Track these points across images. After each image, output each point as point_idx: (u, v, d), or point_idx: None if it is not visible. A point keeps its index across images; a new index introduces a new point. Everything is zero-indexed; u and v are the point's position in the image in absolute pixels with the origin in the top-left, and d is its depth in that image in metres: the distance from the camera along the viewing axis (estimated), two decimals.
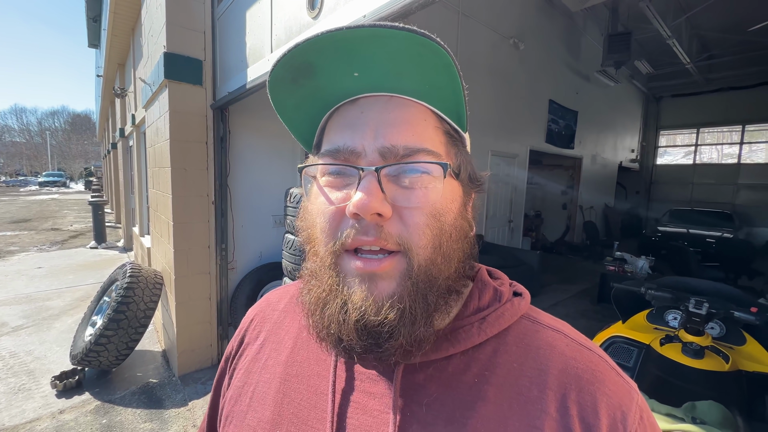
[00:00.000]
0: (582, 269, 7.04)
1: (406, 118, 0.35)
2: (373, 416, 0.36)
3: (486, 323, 0.37)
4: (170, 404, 2.50)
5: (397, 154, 0.34)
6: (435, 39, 0.31)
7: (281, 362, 0.43)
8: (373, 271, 0.33)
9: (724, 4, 6.33)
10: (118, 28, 5.41)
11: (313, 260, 0.37)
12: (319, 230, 0.36)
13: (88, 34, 9.00)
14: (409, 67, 0.34)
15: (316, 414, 0.38)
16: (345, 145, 0.35)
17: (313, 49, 0.33)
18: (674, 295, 1.83)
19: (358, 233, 0.33)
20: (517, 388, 0.34)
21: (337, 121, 0.38)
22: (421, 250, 0.34)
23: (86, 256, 6.68)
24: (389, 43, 0.32)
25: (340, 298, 0.34)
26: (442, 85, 0.35)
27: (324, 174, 0.37)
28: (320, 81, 0.36)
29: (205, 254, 2.88)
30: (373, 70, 0.34)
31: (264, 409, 0.40)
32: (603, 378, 0.35)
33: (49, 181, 34.84)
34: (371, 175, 0.33)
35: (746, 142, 11.56)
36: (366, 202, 0.31)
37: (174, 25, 2.58)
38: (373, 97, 0.36)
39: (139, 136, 5.25)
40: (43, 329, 3.59)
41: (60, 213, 13.53)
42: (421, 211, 0.34)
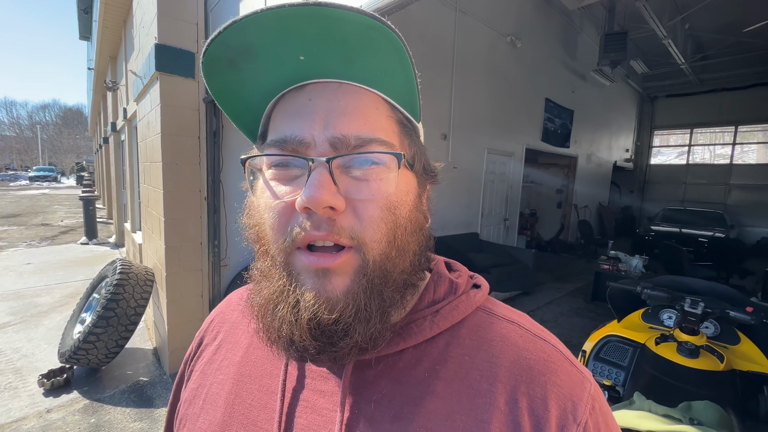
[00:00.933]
0: (576, 268, 7.08)
1: (358, 106, 0.33)
2: (322, 415, 0.35)
3: (439, 316, 0.37)
4: (161, 403, 2.46)
5: (349, 144, 0.32)
6: (385, 22, 0.29)
7: (235, 362, 0.41)
8: (326, 267, 0.31)
9: (719, 5, 6.37)
10: (109, 19, 5.31)
11: (263, 260, 0.35)
12: (267, 227, 0.34)
13: (79, 26, 8.85)
14: (359, 51, 0.31)
15: (266, 414, 0.36)
16: (293, 135, 0.32)
17: (254, 27, 0.30)
18: (670, 295, 1.83)
19: (309, 228, 0.31)
20: (467, 382, 0.33)
21: (283, 109, 0.35)
22: (375, 245, 0.32)
23: (77, 252, 6.58)
24: (337, 24, 0.29)
25: (292, 298, 0.32)
26: (393, 72, 0.33)
27: (270, 166, 0.34)
28: (262, 64, 0.33)
29: (197, 251, 2.83)
30: (320, 53, 0.32)
31: (215, 411, 0.39)
32: (555, 368, 0.34)
33: (40, 175, 34.29)
34: (322, 167, 0.31)
35: (738, 142, 11.69)
36: (317, 195, 0.29)
37: (166, 17, 2.52)
38: (322, 84, 0.34)
39: (131, 131, 5.16)
40: (31, 326, 3.52)
41: (50, 208, 13.33)
42: (376, 203, 0.32)
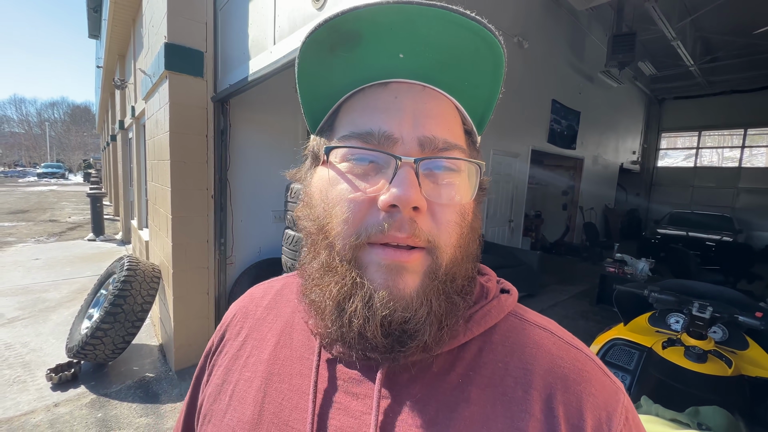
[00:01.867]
0: (581, 270, 7.03)
1: (441, 112, 0.34)
2: (355, 417, 0.34)
3: (472, 321, 0.36)
4: (166, 399, 2.48)
5: (437, 146, 0.32)
6: (498, 37, 0.30)
7: (263, 360, 0.40)
8: (402, 263, 0.31)
9: (730, 6, 6.29)
10: (118, 18, 5.36)
11: (324, 253, 0.34)
12: (338, 221, 0.33)
13: (88, 24, 8.93)
14: (459, 59, 0.32)
15: (297, 414, 0.36)
16: (380, 130, 0.32)
17: (370, 17, 0.30)
18: (678, 299, 1.82)
19: (390, 228, 0.30)
20: (501, 389, 0.33)
21: (363, 103, 0.34)
22: (449, 249, 0.33)
23: (84, 248, 6.64)
24: (452, 29, 0.30)
25: (366, 293, 0.31)
26: (481, 85, 0.34)
27: (345, 159, 0.33)
28: (360, 55, 0.33)
29: (203, 248, 2.85)
30: (420, 54, 0.32)
31: (244, 408, 0.38)
32: (589, 377, 0.34)
33: (48, 172, 34.71)
34: (409, 166, 0.31)
35: (747, 146, 11.54)
36: (409, 195, 0.29)
37: (175, 16, 2.54)
38: (407, 84, 0.34)
39: (138, 129, 5.21)
40: (40, 321, 3.56)
41: (58, 205, 13.47)
42: (453, 209, 0.33)
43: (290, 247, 1.98)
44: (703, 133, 12.32)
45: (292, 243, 1.97)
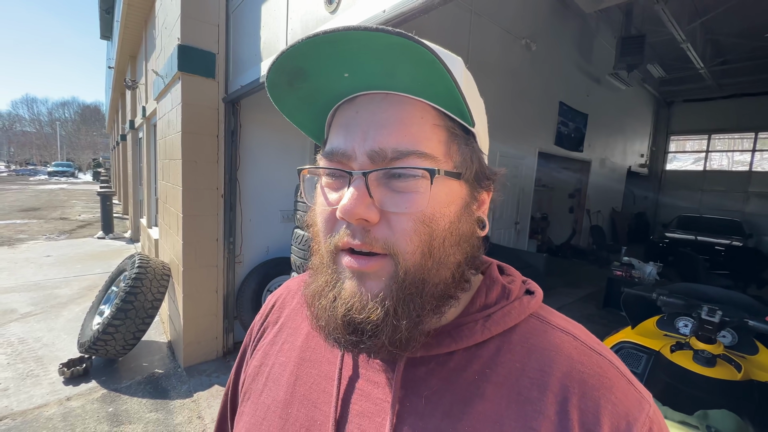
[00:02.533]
0: (588, 273, 6.99)
1: (400, 117, 0.34)
2: (375, 403, 0.37)
3: (491, 321, 0.37)
4: (175, 395, 2.52)
5: (386, 157, 0.33)
6: (413, 38, 0.29)
7: (297, 347, 0.45)
8: (360, 270, 0.33)
9: (740, 9, 6.23)
10: (131, 20, 5.45)
11: (315, 256, 0.39)
12: (318, 229, 0.37)
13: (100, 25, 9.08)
14: (397, 65, 0.33)
15: (324, 397, 0.39)
16: (338, 148, 0.35)
17: (300, 54, 0.32)
18: (686, 302, 1.81)
19: (347, 236, 0.34)
20: (517, 388, 0.34)
21: (336, 121, 0.38)
22: (408, 255, 0.33)
23: (94, 246, 6.74)
24: (369, 44, 0.31)
25: (333, 293, 0.35)
26: (432, 82, 0.34)
27: (324, 174, 0.37)
28: (314, 83, 0.36)
29: (213, 247, 2.89)
30: (362, 70, 0.34)
31: (278, 389, 0.42)
32: (610, 384, 0.34)
33: (58, 171, 35.20)
34: (359, 180, 0.33)
35: (758, 149, 11.39)
36: (350, 208, 0.32)
37: (188, 18, 2.59)
38: (369, 96, 0.36)
39: (149, 128, 5.28)
40: (51, 317, 3.63)
41: (68, 203, 13.67)
42: (409, 216, 0.33)
43: (300, 246, 2.01)
44: (713, 136, 12.17)
45: (302, 242, 1.99)
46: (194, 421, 2.27)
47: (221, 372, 2.82)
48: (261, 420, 0.42)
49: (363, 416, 0.37)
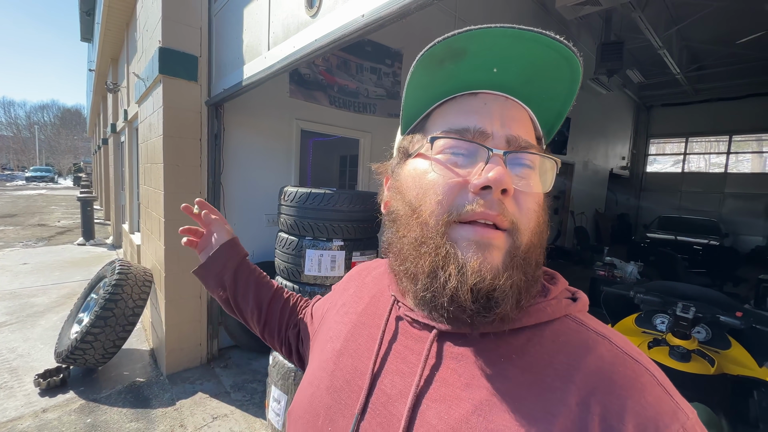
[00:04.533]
0: (573, 274, 7.11)
1: (521, 118, 0.40)
2: (408, 365, 0.41)
3: (524, 312, 0.38)
4: (157, 404, 2.46)
5: (520, 144, 0.38)
6: (579, 57, 0.35)
7: (357, 312, 0.53)
8: (489, 239, 0.35)
9: (713, 17, 6.48)
10: (112, 22, 5.35)
11: (416, 230, 0.39)
12: (432, 202, 0.37)
13: (80, 27, 8.89)
14: (541, 75, 0.38)
15: (367, 354, 0.45)
16: (475, 127, 0.38)
17: (478, 37, 0.36)
18: (662, 299, 1.86)
19: (483, 206, 0.35)
20: (540, 376, 0.35)
21: (457, 107, 0.40)
22: (527, 232, 0.37)
23: (73, 252, 6.55)
24: (540, 50, 0.35)
25: (457, 263, 0.35)
26: (556, 98, 0.40)
27: (441, 151, 0.39)
28: (461, 68, 0.38)
29: (196, 252, 2.84)
30: (509, 70, 0.38)
31: (337, 342, 0.50)
32: (642, 388, 0.33)
33: (37, 176, 34.09)
34: (499, 157, 0.36)
35: (733, 152, 11.81)
36: (499, 177, 0.34)
37: (170, 20, 2.56)
38: (493, 95, 0.40)
39: (131, 132, 5.18)
40: (27, 326, 3.51)
41: (47, 209, 13.27)
42: (532, 198, 0.38)
43: (283, 250, 2.00)
44: (690, 139, 12.58)
45: (286, 246, 1.98)
46: (176, 430, 2.22)
47: (205, 379, 2.77)
48: (323, 362, 0.50)
49: (396, 374, 0.41)
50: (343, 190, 1.99)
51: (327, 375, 0.47)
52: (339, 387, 0.45)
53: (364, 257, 2.01)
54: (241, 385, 2.72)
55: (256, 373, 2.89)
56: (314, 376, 0.50)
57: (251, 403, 2.51)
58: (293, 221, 1.97)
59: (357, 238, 2.00)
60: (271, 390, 1.91)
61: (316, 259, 1.90)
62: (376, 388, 0.42)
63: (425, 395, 0.38)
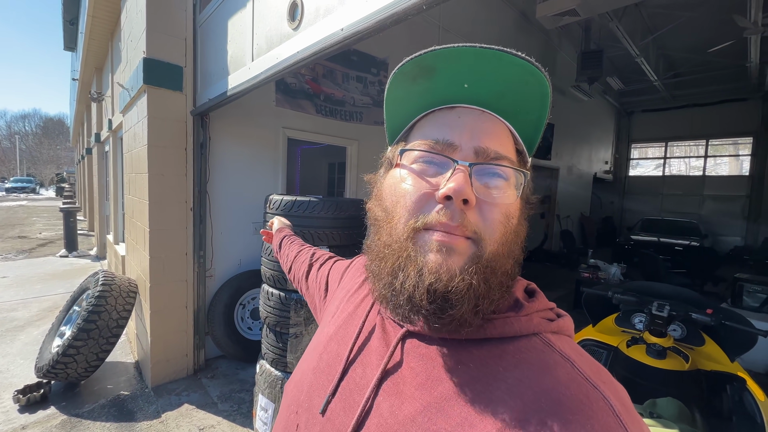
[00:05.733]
0: (560, 276, 7.22)
1: (495, 131, 0.41)
2: (376, 358, 0.44)
3: (490, 324, 0.39)
4: (142, 417, 2.42)
5: (488, 155, 0.39)
6: (544, 72, 0.37)
7: (355, 303, 0.56)
8: (451, 244, 0.36)
9: (686, 26, 6.76)
10: (96, 31, 5.32)
11: (387, 235, 0.41)
12: (401, 207, 0.40)
13: (64, 36, 8.77)
14: (512, 90, 0.40)
15: (350, 342, 0.48)
16: (444, 138, 0.40)
17: (444, 55, 0.38)
18: (639, 299, 1.93)
19: (444, 216, 0.37)
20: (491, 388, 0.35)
21: (433, 120, 0.43)
22: (492, 242, 0.38)
23: (55, 265, 6.40)
24: (504, 66, 0.38)
25: (417, 264, 0.37)
26: (530, 111, 0.42)
27: (415, 161, 0.41)
28: (433, 84, 0.41)
29: (182, 261, 2.83)
30: (480, 86, 0.40)
31: (332, 326, 0.55)
32: (591, 415, 0.31)
33: (18, 187, 33.17)
34: (464, 169, 0.38)
35: (710, 155, 12.23)
36: (459, 188, 0.36)
37: (154, 31, 2.57)
38: (468, 108, 0.42)
39: (115, 142, 5.13)
40: (6, 341, 3.41)
41: (28, 220, 12.92)
42: (498, 208, 0.39)
43: (270, 258, 2.00)
44: (669, 143, 12.98)
45: (272, 254, 1.99)
46: None
47: (192, 390, 2.73)
48: (316, 344, 0.55)
49: (366, 365, 0.44)
50: (328, 198, 2.01)
51: (316, 356, 0.51)
52: (322, 368, 0.49)
53: None
54: (229, 395, 2.69)
55: (243, 382, 2.86)
56: (309, 355, 0.55)
57: (239, 413, 2.48)
58: None
59: (343, 245, 2.02)
60: (258, 399, 1.90)
61: None
62: (347, 375, 0.45)
63: (381, 388, 0.40)
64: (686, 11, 6.24)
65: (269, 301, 1.98)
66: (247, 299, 3.22)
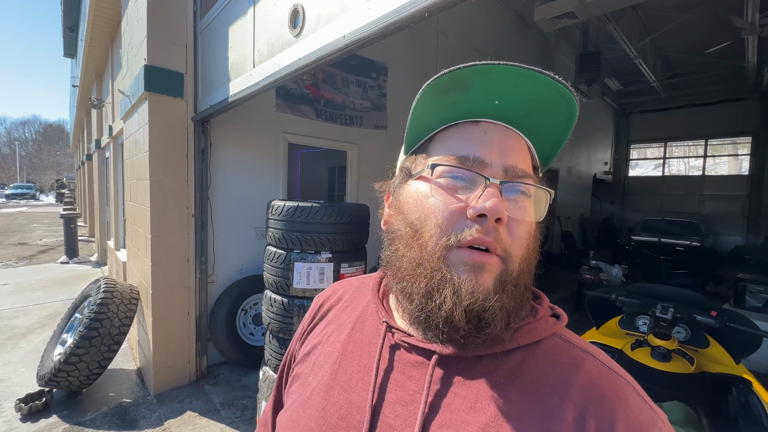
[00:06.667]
0: (561, 278, 7.21)
1: (520, 148, 0.42)
2: (409, 394, 0.41)
3: (518, 333, 0.40)
4: (144, 424, 2.41)
5: (516, 174, 0.40)
6: (576, 95, 0.38)
7: (341, 340, 0.50)
8: (483, 263, 0.37)
9: (684, 27, 6.79)
10: (96, 38, 5.34)
11: (416, 252, 0.40)
12: (432, 225, 0.39)
13: (64, 43, 8.81)
14: (539, 110, 0.40)
15: (363, 385, 0.44)
16: (474, 155, 0.40)
17: (481, 71, 0.38)
18: (642, 301, 1.92)
19: (479, 232, 0.37)
20: (539, 394, 0.37)
21: (459, 134, 0.42)
22: (518, 259, 0.39)
23: (56, 271, 6.39)
24: (537, 86, 0.38)
25: (453, 285, 0.37)
26: (553, 131, 0.42)
27: (442, 175, 0.41)
28: (465, 98, 0.41)
29: (184, 268, 2.82)
30: (510, 103, 0.40)
31: (323, 374, 0.47)
32: (626, 400, 0.36)
33: (18, 193, 33.20)
34: (496, 186, 0.38)
35: (709, 155, 12.25)
36: (495, 207, 0.36)
37: (155, 38, 2.58)
38: (494, 124, 0.42)
39: (116, 148, 5.13)
40: (7, 349, 3.40)
41: (28, 227, 12.91)
42: (524, 226, 0.40)
43: (272, 264, 2.00)
44: (668, 144, 13.01)
45: (274, 260, 1.99)
46: None
47: (194, 397, 2.72)
48: (306, 399, 0.46)
49: (397, 403, 0.41)
50: (330, 203, 2.01)
51: (316, 412, 0.44)
52: (334, 423, 0.43)
53: (352, 269, 2.03)
54: (231, 402, 2.68)
55: (246, 389, 2.85)
56: (299, 415, 0.46)
57: (242, 420, 2.47)
58: (281, 235, 1.98)
59: (345, 250, 2.02)
60: (261, 405, 1.89)
61: (305, 272, 1.91)
62: (378, 421, 0.41)
63: (432, 422, 0.38)
64: (683, 12, 6.27)
65: (272, 308, 1.97)
66: (249, 305, 3.21)
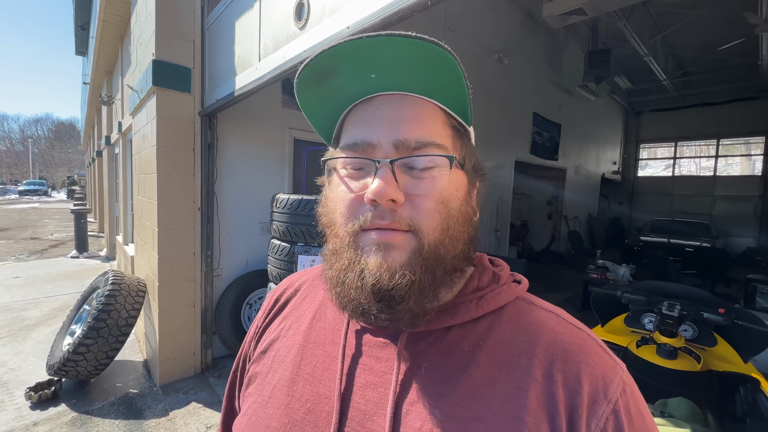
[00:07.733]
0: (567, 277, 7.15)
1: (417, 115, 0.39)
2: (379, 376, 0.40)
3: (483, 300, 0.41)
4: (150, 415, 2.44)
5: (409, 146, 0.38)
6: (442, 45, 0.36)
7: (301, 331, 0.48)
8: (387, 241, 0.37)
9: (696, 25, 6.68)
10: (106, 36, 5.41)
11: (333, 241, 0.41)
12: (338, 215, 0.40)
13: (75, 41, 8.94)
14: (420, 69, 0.38)
15: (329, 374, 0.42)
16: (362, 139, 0.39)
17: (336, 54, 0.37)
18: (648, 298, 1.90)
19: (375, 217, 0.37)
20: (507, 357, 0.38)
21: (354, 117, 0.42)
22: (430, 232, 0.38)
23: (66, 265, 6.50)
24: (402, 49, 0.36)
25: (359, 267, 0.37)
26: (448, 85, 0.40)
27: (344, 166, 0.41)
28: (341, 81, 0.40)
29: (190, 261, 2.85)
30: (388, 72, 0.39)
31: (284, 370, 0.45)
32: (589, 352, 0.38)
33: (30, 189, 33.83)
34: (386, 167, 0.37)
35: (721, 155, 12.03)
36: (382, 190, 0.36)
37: (163, 34, 2.61)
38: (388, 96, 0.40)
39: (125, 144, 5.20)
40: (19, 340, 3.47)
41: (40, 222, 13.16)
42: (431, 198, 0.38)
43: (276, 257, 2.02)
44: (679, 143, 12.80)
45: (278, 252, 2.00)
46: None
47: (199, 389, 2.75)
48: (267, 399, 0.44)
49: (367, 387, 0.40)
50: None
51: (279, 410, 0.42)
52: (300, 419, 0.41)
53: None
54: None
55: None
56: (258, 417, 0.43)
57: None
58: (285, 228, 1.99)
59: None
60: None
61: (308, 264, 1.92)
62: (349, 409, 0.39)
63: (404, 400, 0.38)
64: (695, 9, 6.16)
65: None
66: (254, 299, 3.24)
